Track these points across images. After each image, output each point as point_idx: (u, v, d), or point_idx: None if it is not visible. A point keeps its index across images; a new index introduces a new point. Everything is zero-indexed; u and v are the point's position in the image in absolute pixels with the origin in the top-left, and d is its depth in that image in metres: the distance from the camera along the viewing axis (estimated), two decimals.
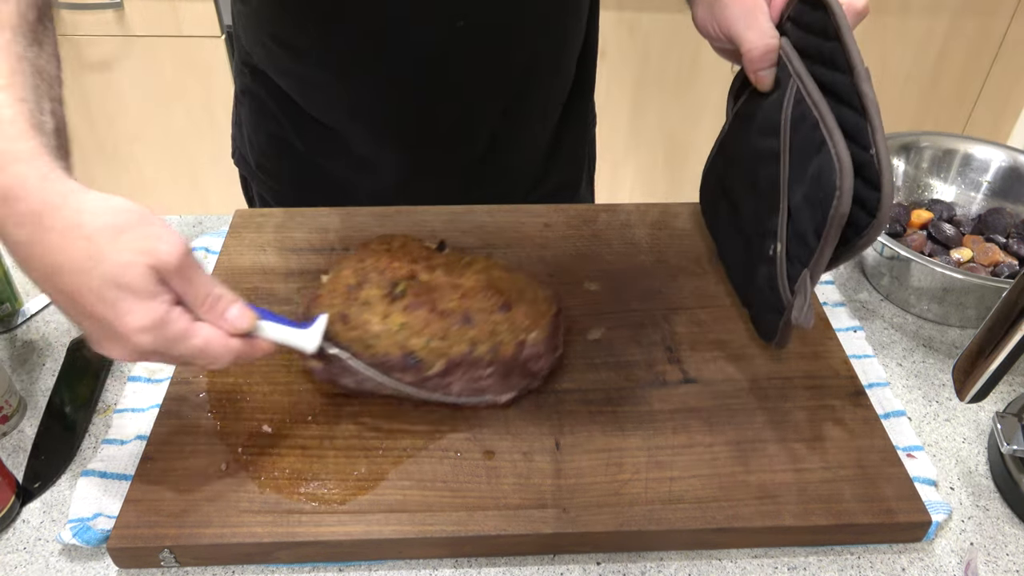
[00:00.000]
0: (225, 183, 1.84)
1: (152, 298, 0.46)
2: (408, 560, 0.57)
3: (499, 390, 0.62)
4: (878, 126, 0.53)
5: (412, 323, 0.60)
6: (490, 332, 0.61)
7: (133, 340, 0.46)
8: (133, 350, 0.47)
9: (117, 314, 0.45)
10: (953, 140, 0.86)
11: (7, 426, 0.64)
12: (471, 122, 0.85)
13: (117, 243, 0.45)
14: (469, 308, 0.62)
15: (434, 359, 0.60)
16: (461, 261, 0.66)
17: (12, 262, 0.48)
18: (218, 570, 0.56)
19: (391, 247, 0.66)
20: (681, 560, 0.57)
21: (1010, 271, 0.76)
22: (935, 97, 1.86)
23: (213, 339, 0.50)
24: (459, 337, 0.60)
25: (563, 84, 0.89)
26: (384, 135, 0.85)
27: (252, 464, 0.59)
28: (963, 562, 0.58)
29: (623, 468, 0.59)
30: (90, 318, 0.47)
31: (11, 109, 0.46)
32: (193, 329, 0.49)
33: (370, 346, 0.60)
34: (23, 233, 0.45)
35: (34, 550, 0.57)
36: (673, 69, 1.79)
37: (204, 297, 0.49)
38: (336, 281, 0.64)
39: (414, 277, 0.63)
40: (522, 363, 0.62)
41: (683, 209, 0.86)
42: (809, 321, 0.58)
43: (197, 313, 0.50)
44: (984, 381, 0.57)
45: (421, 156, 0.88)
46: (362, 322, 0.60)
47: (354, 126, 0.85)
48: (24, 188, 0.44)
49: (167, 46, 1.65)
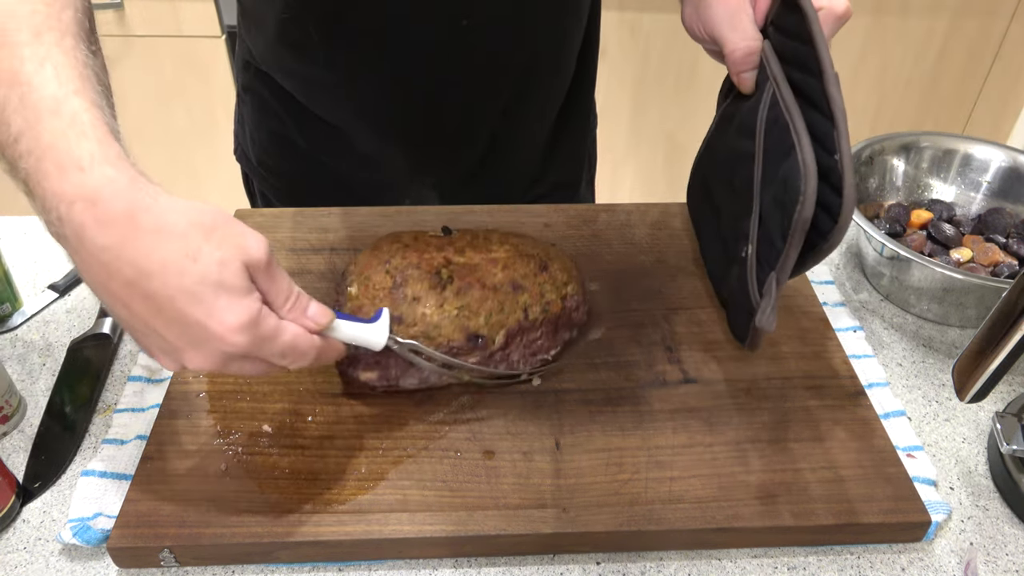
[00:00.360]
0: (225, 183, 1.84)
1: (247, 295, 0.45)
2: (408, 560, 0.57)
3: (549, 347, 0.65)
4: (843, 131, 0.53)
5: (469, 303, 0.62)
6: (539, 294, 0.64)
7: (229, 340, 0.45)
8: (224, 353, 0.46)
9: (213, 313, 0.44)
10: (953, 140, 0.86)
11: (7, 426, 0.64)
12: (472, 121, 0.86)
13: (211, 241, 0.44)
14: (515, 275, 0.63)
15: (495, 333, 0.62)
16: (479, 237, 0.67)
17: (86, 283, 0.46)
18: (218, 570, 0.56)
19: (406, 242, 0.67)
20: (681, 560, 0.57)
21: (1010, 271, 0.76)
22: (935, 97, 1.86)
23: (300, 336, 0.49)
24: (514, 306, 0.63)
25: (563, 83, 0.89)
26: (388, 134, 0.86)
27: (252, 464, 0.59)
28: (963, 562, 0.58)
29: (623, 468, 0.59)
30: (178, 324, 0.45)
31: (88, 114, 0.44)
32: (282, 326, 0.48)
33: (433, 337, 0.61)
34: (112, 235, 0.43)
35: (34, 550, 0.57)
36: (674, 69, 1.80)
37: (287, 295, 0.49)
38: (370, 287, 0.63)
39: (451, 262, 0.63)
40: (567, 315, 0.66)
41: (683, 209, 0.86)
42: (771, 325, 0.58)
43: (280, 312, 0.49)
44: (984, 381, 0.57)
45: (422, 155, 0.88)
46: (419, 317, 0.61)
47: (356, 124, 0.85)
48: (113, 189, 0.43)
49: (167, 46, 1.65)
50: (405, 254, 0.65)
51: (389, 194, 0.91)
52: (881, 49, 1.77)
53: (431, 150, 0.87)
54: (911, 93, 1.85)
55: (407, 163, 0.88)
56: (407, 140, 0.86)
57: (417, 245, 0.66)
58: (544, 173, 0.96)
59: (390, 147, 0.87)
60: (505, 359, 0.63)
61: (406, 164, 0.88)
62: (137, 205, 0.43)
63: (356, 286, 0.64)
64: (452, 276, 0.63)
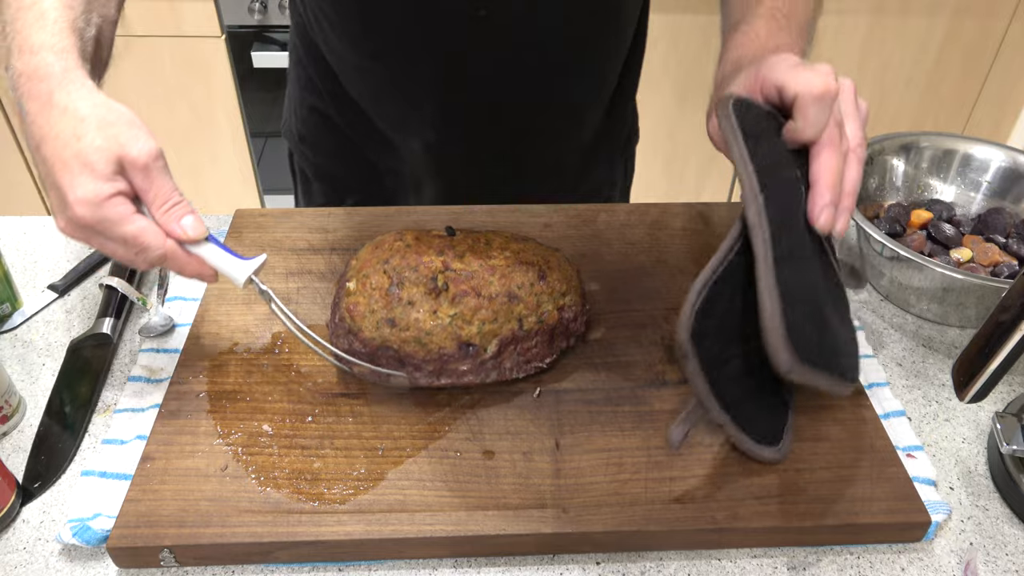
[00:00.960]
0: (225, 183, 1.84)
1: (104, 180, 0.53)
2: (408, 560, 0.57)
3: (544, 355, 0.65)
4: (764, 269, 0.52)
5: (463, 312, 0.62)
6: (535, 304, 0.63)
7: (74, 210, 0.53)
8: (71, 220, 0.54)
9: (72, 184, 0.53)
10: (953, 140, 0.86)
11: (7, 426, 0.64)
12: (499, 115, 0.86)
13: (100, 131, 0.53)
14: (511, 285, 0.63)
15: (488, 342, 0.62)
16: (480, 241, 0.67)
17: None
18: (218, 570, 0.56)
19: (407, 242, 0.67)
20: (681, 560, 0.58)
21: (1010, 271, 0.76)
22: (935, 97, 1.86)
23: (148, 230, 0.55)
24: (508, 315, 0.63)
25: (592, 85, 0.89)
26: (411, 120, 0.87)
27: (252, 464, 0.59)
28: (962, 562, 0.58)
29: (623, 468, 0.59)
30: (54, 188, 0.54)
31: (56, 12, 0.56)
32: (131, 218, 0.54)
33: (424, 344, 0.61)
34: (34, 106, 0.54)
35: (34, 550, 0.57)
36: (673, 69, 1.80)
37: (163, 200, 0.56)
38: (367, 286, 0.64)
39: (448, 268, 0.64)
40: (564, 325, 0.65)
41: (683, 209, 0.86)
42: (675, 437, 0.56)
43: (153, 213, 0.56)
44: (984, 381, 0.58)
45: (447, 145, 0.89)
46: (412, 322, 0.61)
47: (382, 108, 0.88)
48: (47, 72, 0.54)
49: (167, 46, 1.65)
50: (405, 255, 0.65)
51: (415, 182, 0.93)
52: (881, 49, 1.78)
53: (451, 144, 0.88)
54: (911, 93, 1.85)
55: (429, 153, 0.90)
56: (431, 126, 0.87)
57: (418, 246, 0.65)
58: (580, 177, 0.97)
59: (412, 136, 0.89)
60: (497, 367, 0.63)
61: (428, 154, 0.90)
62: (59, 87, 0.54)
63: (355, 282, 0.65)
64: (448, 283, 0.63)
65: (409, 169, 0.93)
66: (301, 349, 0.69)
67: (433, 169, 0.92)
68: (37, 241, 0.85)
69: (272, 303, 0.63)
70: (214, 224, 0.88)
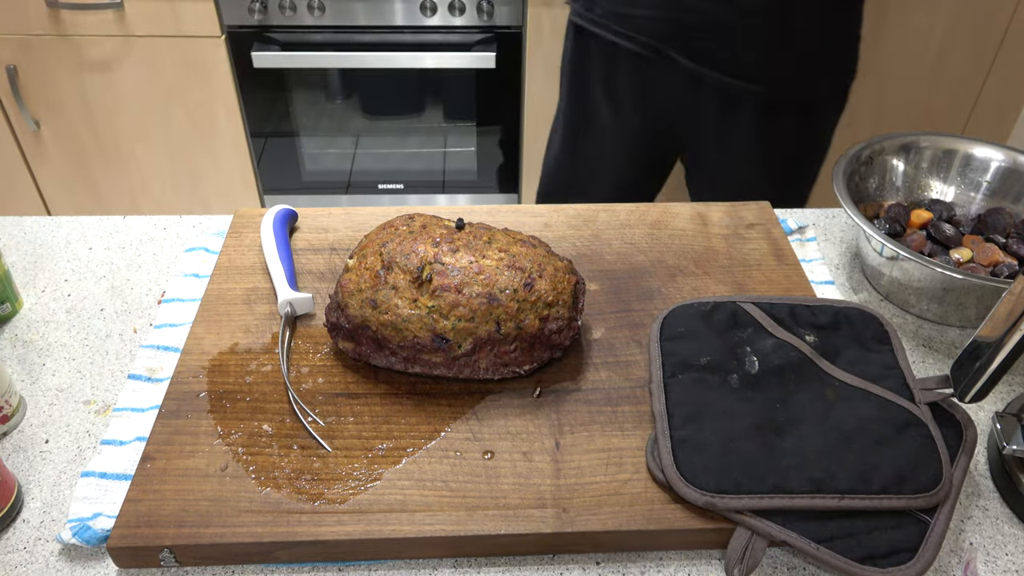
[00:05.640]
0: (225, 183, 1.84)
1: None
2: (408, 560, 0.57)
3: (522, 362, 0.65)
4: None
5: (440, 306, 0.62)
6: (516, 310, 0.63)
7: None
8: None
9: None
10: (953, 140, 0.86)
11: (7, 426, 0.64)
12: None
13: None
14: (493, 288, 0.63)
15: (462, 339, 0.62)
16: (482, 238, 0.67)
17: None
18: (218, 570, 0.56)
19: (413, 228, 0.68)
20: (681, 560, 0.57)
21: (1010, 271, 0.76)
22: (935, 97, 1.86)
23: None
24: (486, 317, 0.62)
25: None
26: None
27: (252, 464, 0.59)
28: (962, 562, 0.58)
29: (623, 468, 0.59)
30: None
31: None
32: None
33: (400, 329, 0.62)
34: None
35: (34, 550, 0.57)
36: None
37: None
38: (363, 264, 0.66)
39: (438, 260, 0.64)
40: (546, 336, 0.64)
41: (683, 209, 0.86)
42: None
43: None
44: (984, 381, 0.58)
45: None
46: (392, 306, 0.63)
47: None
48: None
49: (167, 46, 1.64)
50: (403, 240, 0.66)
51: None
52: (881, 49, 1.77)
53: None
54: (911, 92, 1.85)
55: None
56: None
57: (422, 234, 0.66)
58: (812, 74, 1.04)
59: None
60: (471, 365, 0.64)
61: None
62: None
63: (355, 259, 0.67)
64: (432, 275, 0.63)
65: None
66: (300, 349, 0.69)
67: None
68: (37, 241, 0.85)
69: (282, 331, 0.67)
70: (214, 224, 0.88)
